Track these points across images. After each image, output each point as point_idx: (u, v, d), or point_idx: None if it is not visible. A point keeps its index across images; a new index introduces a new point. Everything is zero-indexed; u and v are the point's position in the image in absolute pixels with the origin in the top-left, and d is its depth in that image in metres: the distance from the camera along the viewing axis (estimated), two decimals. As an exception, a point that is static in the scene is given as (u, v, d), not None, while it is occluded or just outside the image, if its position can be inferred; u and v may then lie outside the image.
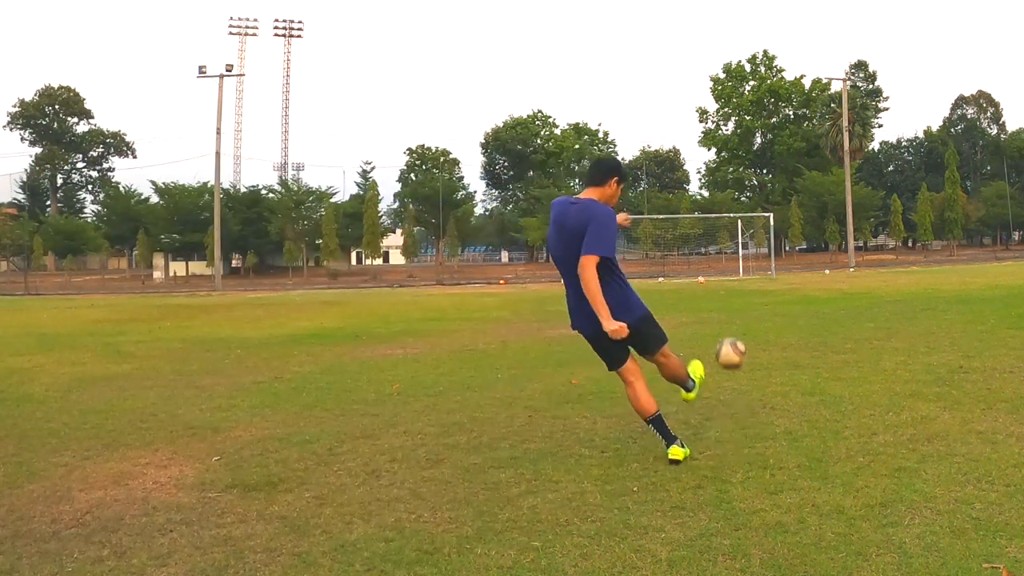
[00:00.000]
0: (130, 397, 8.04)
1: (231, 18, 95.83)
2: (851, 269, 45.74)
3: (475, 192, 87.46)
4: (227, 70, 51.71)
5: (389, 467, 4.97)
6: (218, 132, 49.97)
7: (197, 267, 67.19)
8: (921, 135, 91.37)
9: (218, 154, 50.52)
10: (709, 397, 6.73)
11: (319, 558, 3.50)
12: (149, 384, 8.88)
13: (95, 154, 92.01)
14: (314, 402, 7.39)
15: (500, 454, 5.16)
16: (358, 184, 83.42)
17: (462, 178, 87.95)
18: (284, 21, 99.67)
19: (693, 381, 5.32)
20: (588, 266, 4.55)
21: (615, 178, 4.88)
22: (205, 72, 50.26)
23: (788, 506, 3.88)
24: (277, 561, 3.49)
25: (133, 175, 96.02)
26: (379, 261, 78.58)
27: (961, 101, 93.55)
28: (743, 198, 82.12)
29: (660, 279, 40.25)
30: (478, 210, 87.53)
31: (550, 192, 74.67)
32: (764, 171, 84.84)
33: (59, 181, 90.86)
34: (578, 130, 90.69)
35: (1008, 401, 5.99)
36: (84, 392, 8.44)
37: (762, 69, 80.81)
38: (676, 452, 4.73)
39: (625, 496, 4.17)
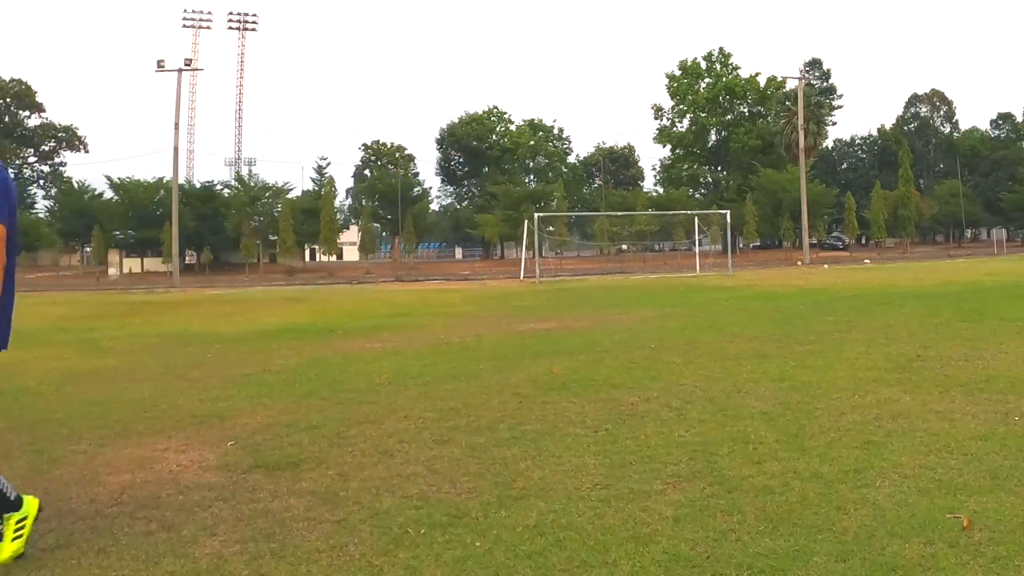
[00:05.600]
0: (125, 389, 8.24)
1: (185, 11, 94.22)
2: (800, 264, 46.73)
3: (430, 188, 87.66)
4: (185, 64, 51.29)
5: (400, 447, 5.32)
6: (176, 127, 49.55)
7: (152, 263, 66.47)
8: (875, 133, 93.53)
9: (176, 149, 50.11)
10: (686, 384, 7.20)
11: (358, 524, 3.85)
12: (139, 377, 9.08)
13: (47, 148, 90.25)
14: (309, 392, 7.67)
15: (501, 435, 5.53)
16: (314, 180, 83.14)
17: (417, 174, 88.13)
18: (238, 14, 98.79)
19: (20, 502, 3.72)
20: None
21: None
22: (163, 66, 49.79)
23: (772, 472, 4.33)
24: (319, 528, 3.83)
25: (86, 170, 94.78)
26: (333, 258, 78.40)
27: (915, 99, 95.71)
28: (698, 195, 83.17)
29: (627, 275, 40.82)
30: (433, 206, 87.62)
31: (505, 188, 75.04)
32: (719, 168, 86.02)
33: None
34: (533, 126, 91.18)
35: (963, 385, 6.51)
36: (77, 385, 8.62)
37: (718, 67, 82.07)
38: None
39: (625, 467, 4.58)
